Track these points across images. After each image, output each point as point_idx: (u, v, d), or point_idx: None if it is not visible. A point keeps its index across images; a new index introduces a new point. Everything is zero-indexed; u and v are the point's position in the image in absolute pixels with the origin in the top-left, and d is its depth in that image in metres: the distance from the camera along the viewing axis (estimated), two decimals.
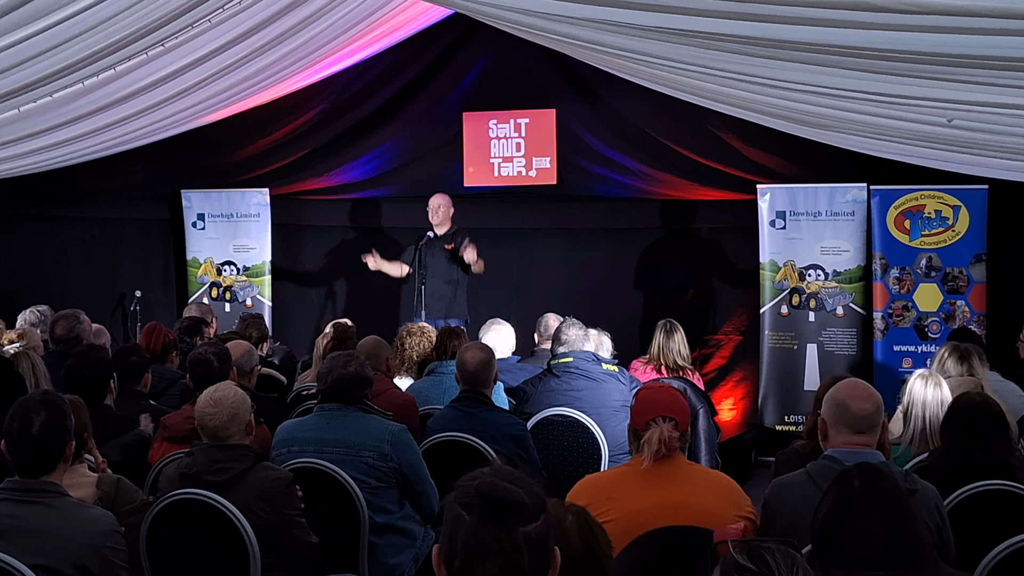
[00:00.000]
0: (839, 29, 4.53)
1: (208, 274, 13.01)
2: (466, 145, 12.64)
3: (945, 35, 4.33)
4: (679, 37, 5.66)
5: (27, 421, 4.33)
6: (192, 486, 5.04)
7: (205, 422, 5.19)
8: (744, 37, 5.28)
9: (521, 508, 2.46)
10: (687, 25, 5.23)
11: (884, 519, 3.55)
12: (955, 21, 4.05)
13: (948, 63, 4.99)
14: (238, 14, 8.01)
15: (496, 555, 2.44)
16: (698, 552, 3.19)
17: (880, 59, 5.18)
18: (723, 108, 9.31)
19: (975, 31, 4.17)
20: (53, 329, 8.30)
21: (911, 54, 4.89)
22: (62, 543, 4.20)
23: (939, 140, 7.53)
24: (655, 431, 4.45)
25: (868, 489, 3.60)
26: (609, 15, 5.43)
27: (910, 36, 4.49)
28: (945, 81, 5.44)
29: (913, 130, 7.31)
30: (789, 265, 11.09)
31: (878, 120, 7.27)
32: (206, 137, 12.13)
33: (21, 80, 7.66)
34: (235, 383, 6.37)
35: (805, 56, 5.43)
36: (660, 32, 5.61)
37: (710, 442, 8.08)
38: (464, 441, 6.34)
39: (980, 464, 5.20)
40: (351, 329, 8.47)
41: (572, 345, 7.62)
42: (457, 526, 2.47)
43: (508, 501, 2.45)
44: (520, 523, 2.46)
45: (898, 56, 5.01)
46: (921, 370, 6.26)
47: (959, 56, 4.83)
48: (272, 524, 5.05)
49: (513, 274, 12.89)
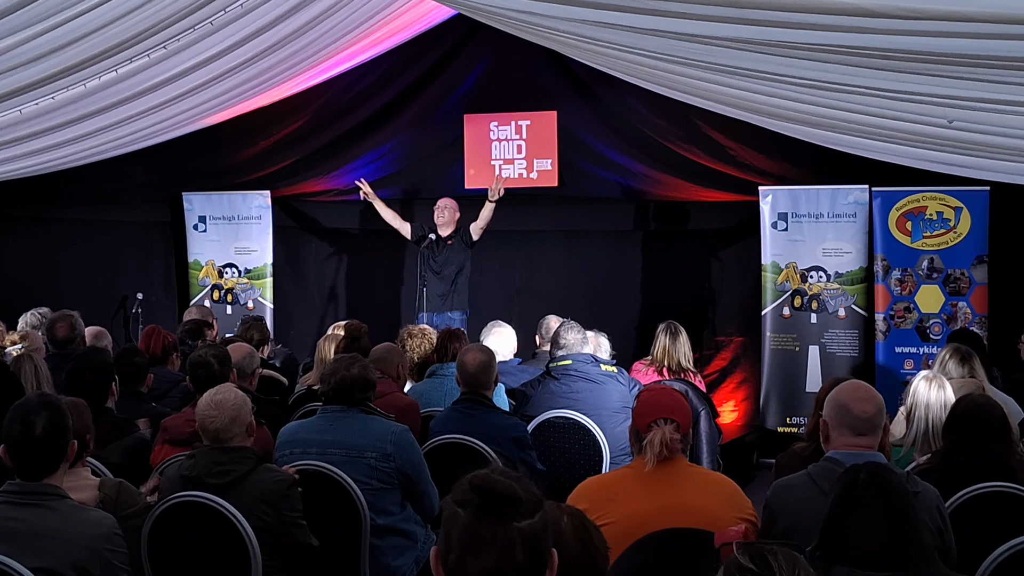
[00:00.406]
0: (839, 32, 4.53)
1: (209, 276, 13.01)
2: (467, 147, 12.65)
3: (944, 39, 4.32)
4: (679, 37, 5.67)
5: (28, 424, 4.32)
6: (193, 488, 5.04)
7: (206, 424, 5.19)
8: (741, 40, 5.29)
9: (515, 502, 2.46)
10: (686, 29, 5.25)
11: (887, 518, 3.56)
12: (953, 26, 4.05)
13: (947, 62, 4.99)
14: (240, 17, 8.01)
15: (490, 548, 2.44)
16: (699, 554, 3.18)
17: (879, 58, 5.18)
18: (725, 110, 9.30)
19: (973, 35, 4.17)
20: (54, 332, 8.29)
21: (911, 53, 4.89)
22: (63, 546, 4.20)
23: (940, 140, 7.52)
24: (657, 433, 4.45)
25: (873, 487, 3.61)
26: (607, 18, 5.44)
27: (909, 40, 4.49)
28: (945, 78, 5.44)
29: (913, 131, 7.30)
30: (791, 267, 11.09)
31: (878, 120, 7.26)
32: (207, 139, 12.13)
33: (24, 80, 7.66)
34: (235, 385, 6.38)
35: (805, 55, 5.44)
36: (659, 33, 5.62)
37: (712, 444, 8.08)
38: (465, 443, 6.34)
39: (981, 466, 5.19)
40: (363, 328, 8.46)
41: (571, 348, 7.61)
42: (453, 522, 2.48)
43: (501, 494, 2.45)
44: (514, 518, 2.46)
45: (897, 56, 5.01)
46: (925, 372, 6.25)
47: (959, 56, 4.83)
48: (274, 526, 5.05)
49: (514, 276, 12.92)
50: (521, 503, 2.47)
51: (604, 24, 5.78)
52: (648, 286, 12.38)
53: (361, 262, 13.33)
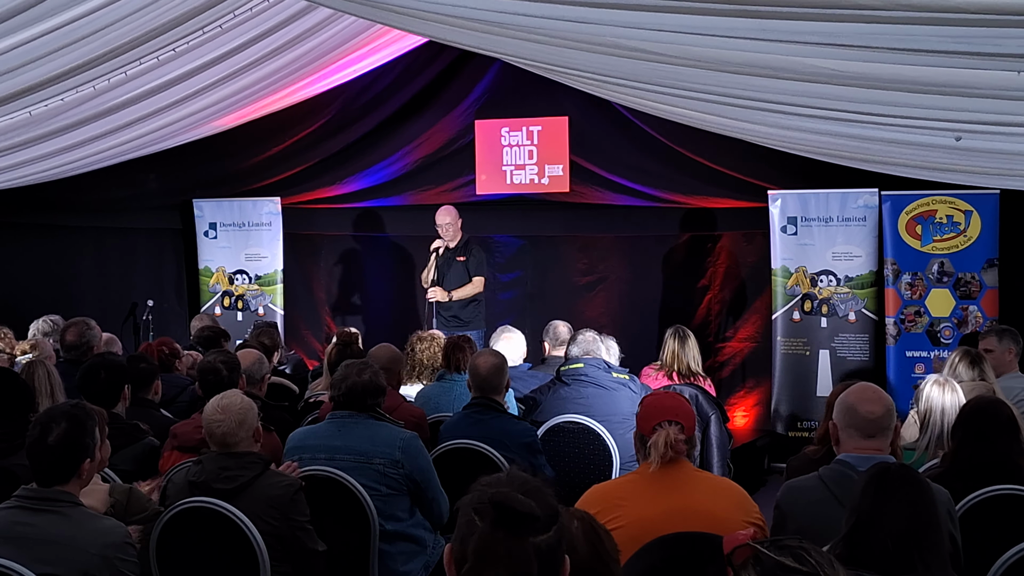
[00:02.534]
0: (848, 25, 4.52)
1: (220, 283, 13.03)
2: (478, 153, 12.66)
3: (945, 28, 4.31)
4: (685, 61, 5.68)
5: (46, 430, 4.35)
6: (201, 494, 5.05)
7: (212, 429, 5.20)
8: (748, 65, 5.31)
9: (533, 520, 2.47)
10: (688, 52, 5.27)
11: (910, 520, 3.59)
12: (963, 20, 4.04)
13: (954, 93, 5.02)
14: (249, 20, 8.03)
15: (505, 562, 2.45)
16: (708, 558, 3.17)
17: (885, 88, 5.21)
18: (734, 133, 9.31)
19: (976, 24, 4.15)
20: (64, 336, 8.30)
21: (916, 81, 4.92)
22: (73, 552, 4.22)
23: (949, 160, 7.53)
24: (661, 434, 4.45)
25: (901, 489, 3.62)
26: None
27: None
28: (953, 96, 5.44)
29: (922, 147, 7.28)
30: (801, 271, 11.07)
31: (887, 141, 7.27)
32: (218, 146, 12.13)
33: (31, 80, 7.67)
34: (243, 391, 6.39)
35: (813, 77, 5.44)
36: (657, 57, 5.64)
37: (722, 448, 8.07)
38: (475, 448, 6.34)
39: (990, 466, 5.19)
40: (354, 335, 8.47)
41: (584, 352, 7.60)
42: (470, 530, 2.48)
43: (520, 512, 2.45)
44: (531, 533, 2.47)
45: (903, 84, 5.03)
46: (935, 376, 6.23)
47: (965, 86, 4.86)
48: (282, 531, 5.06)
49: (526, 282, 12.90)
50: (538, 519, 2.48)
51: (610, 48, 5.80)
52: (659, 291, 12.37)
53: (372, 269, 13.35)
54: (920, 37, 4.15)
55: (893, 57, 4.59)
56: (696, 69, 5.73)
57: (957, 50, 4.28)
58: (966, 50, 4.26)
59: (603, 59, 5.89)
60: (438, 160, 12.91)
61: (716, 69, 5.65)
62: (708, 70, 5.72)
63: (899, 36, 4.17)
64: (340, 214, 13.34)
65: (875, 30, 4.13)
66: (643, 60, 5.67)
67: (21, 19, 6.42)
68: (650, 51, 5.43)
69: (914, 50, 4.37)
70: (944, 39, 4.14)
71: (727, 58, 5.25)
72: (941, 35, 4.08)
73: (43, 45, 7.00)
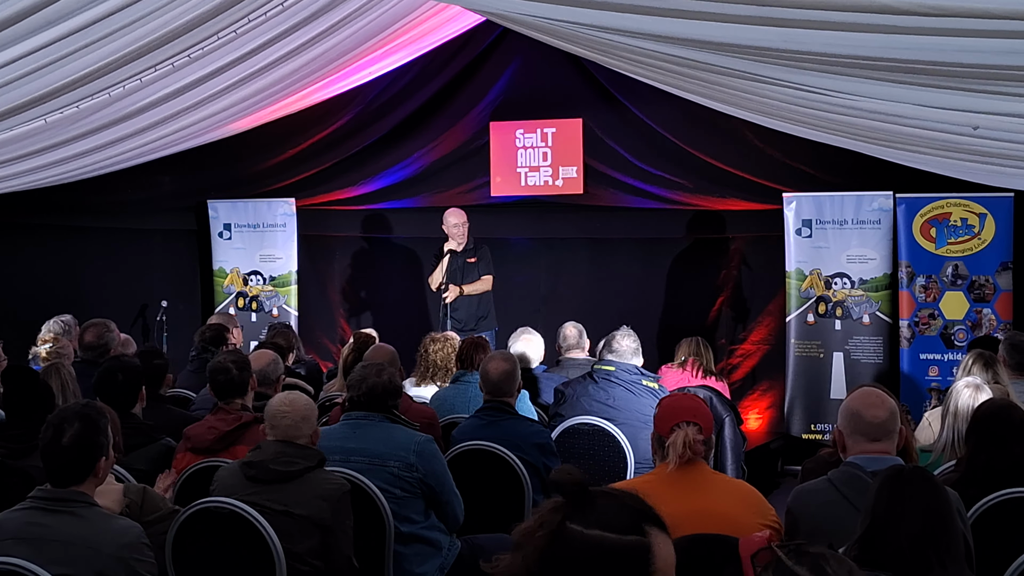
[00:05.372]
0: (861, 33, 4.51)
1: (234, 284, 13.05)
2: (493, 155, 12.66)
3: (968, 39, 4.30)
4: (707, 46, 5.66)
5: (59, 431, 4.35)
6: (255, 474, 5.11)
7: (277, 420, 5.25)
8: (767, 49, 5.28)
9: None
10: (716, 36, 5.24)
11: (925, 520, 3.59)
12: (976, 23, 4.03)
13: (973, 75, 4.97)
14: (263, 24, 8.03)
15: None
16: (724, 560, 3.17)
17: (907, 70, 5.16)
18: (749, 116, 9.27)
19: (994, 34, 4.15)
20: (83, 337, 8.32)
21: (936, 64, 4.87)
22: (88, 553, 4.22)
23: (964, 150, 7.48)
24: (679, 434, 4.45)
25: (916, 490, 3.63)
26: (637, 25, 5.42)
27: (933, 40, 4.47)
28: (969, 91, 5.41)
29: (939, 139, 7.26)
30: (815, 273, 11.06)
31: (903, 129, 7.23)
32: (232, 148, 12.16)
33: (45, 87, 7.68)
34: (255, 392, 6.42)
35: (831, 62, 5.42)
36: (685, 42, 5.61)
37: (736, 451, 8.07)
38: (489, 450, 6.35)
39: (1004, 469, 5.17)
40: (372, 337, 8.48)
41: (621, 356, 7.57)
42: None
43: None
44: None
45: (923, 67, 4.99)
46: (968, 379, 6.18)
47: (984, 67, 4.81)
48: (327, 523, 5.08)
49: (540, 284, 12.91)
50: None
51: (635, 33, 5.77)
52: (673, 293, 12.36)
53: (386, 270, 13.34)
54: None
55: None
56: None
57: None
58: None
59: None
60: (453, 162, 12.92)
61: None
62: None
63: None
64: (354, 216, 13.35)
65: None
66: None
67: (32, 24, 6.41)
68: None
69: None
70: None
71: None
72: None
73: (56, 50, 7.00)
